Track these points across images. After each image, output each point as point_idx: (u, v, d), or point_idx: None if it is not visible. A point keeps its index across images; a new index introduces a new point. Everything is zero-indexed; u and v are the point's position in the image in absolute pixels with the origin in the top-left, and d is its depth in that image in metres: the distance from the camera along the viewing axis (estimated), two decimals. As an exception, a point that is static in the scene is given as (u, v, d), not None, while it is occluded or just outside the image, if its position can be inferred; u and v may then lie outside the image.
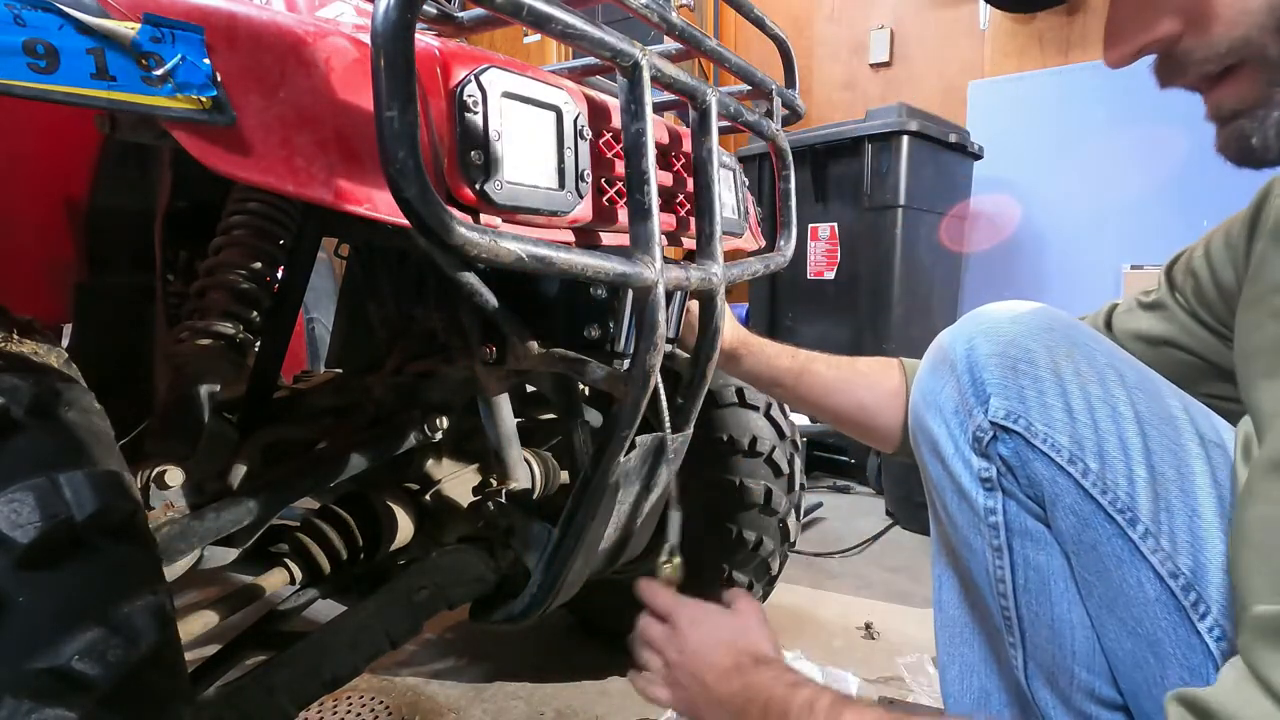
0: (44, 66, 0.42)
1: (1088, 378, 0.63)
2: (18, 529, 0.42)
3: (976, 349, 0.67)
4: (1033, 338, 0.65)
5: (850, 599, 1.66)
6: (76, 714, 0.41)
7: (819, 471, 2.64)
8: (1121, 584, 0.60)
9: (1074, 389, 0.62)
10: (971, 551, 0.69)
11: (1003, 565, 0.66)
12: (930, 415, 0.71)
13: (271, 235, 0.85)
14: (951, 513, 0.70)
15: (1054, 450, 0.62)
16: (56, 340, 0.62)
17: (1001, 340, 0.66)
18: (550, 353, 0.81)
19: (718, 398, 1.21)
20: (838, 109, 3.28)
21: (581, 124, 0.67)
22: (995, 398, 0.64)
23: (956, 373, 0.68)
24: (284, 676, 0.73)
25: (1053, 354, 0.64)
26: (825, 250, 2.58)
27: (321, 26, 0.54)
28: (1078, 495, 0.61)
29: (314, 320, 2.04)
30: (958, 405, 0.68)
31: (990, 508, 0.66)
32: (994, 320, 0.68)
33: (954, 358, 0.68)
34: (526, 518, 0.93)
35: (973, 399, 0.66)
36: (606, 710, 1.23)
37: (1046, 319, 0.66)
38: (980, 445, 0.65)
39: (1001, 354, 0.65)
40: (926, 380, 0.72)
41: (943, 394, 0.69)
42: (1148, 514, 0.59)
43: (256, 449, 0.90)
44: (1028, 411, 0.63)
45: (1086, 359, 0.64)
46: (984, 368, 0.66)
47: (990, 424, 0.64)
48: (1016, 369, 0.64)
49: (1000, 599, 0.67)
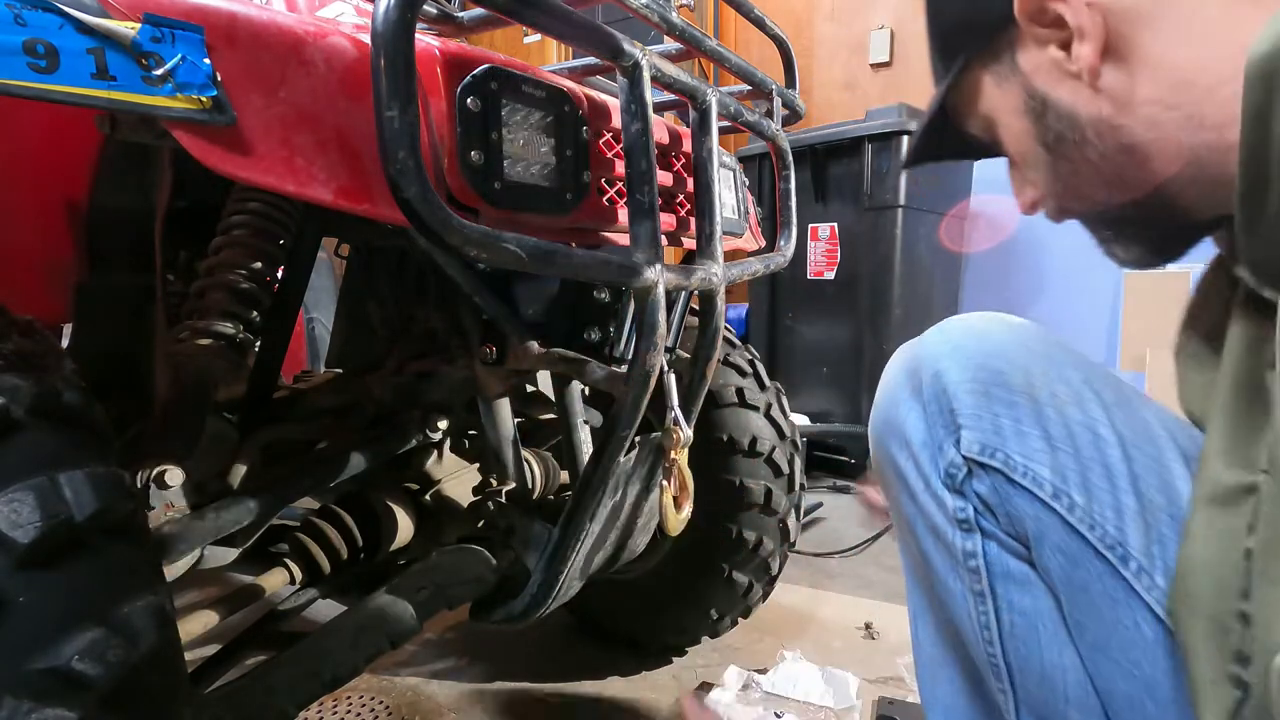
0: (44, 66, 0.42)
1: (1064, 399, 0.57)
2: (18, 529, 0.42)
3: (944, 374, 0.61)
4: (1003, 357, 0.60)
5: (850, 599, 1.66)
6: (76, 714, 0.41)
7: (819, 471, 2.64)
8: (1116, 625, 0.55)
9: (1051, 413, 0.57)
10: (950, 594, 0.63)
11: (986, 611, 0.60)
12: (895, 446, 0.65)
13: (271, 235, 0.85)
14: (925, 551, 0.65)
15: (1035, 485, 0.57)
16: (56, 340, 0.62)
17: (971, 363, 0.60)
18: (550, 353, 0.82)
19: (718, 398, 1.21)
20: (838, 109, 3.28)
21: (582, 124, 0.67)
22: (967, 430, 0.59)
23: (923, 400, 0.62)
24: (284, 676, 0.73)
25: (1027, 375, 0.59)
26: (825, 250, 2.58)
27: (321, 26, 0.53)
28: (1064, 532, 0.56)
29: (314, 320, 2.04)
30: (925, 438, 0.62)
31: (970, 550, 0.60)
32: (960, 339, 0.62)
33: (919, 383, 0.63)
34: (526, 518, 0.93)
35: (942, 431, 0.60)
36: (606, 710, 1.23)
37: (1016, 334, 0.61)
38: (954, 483, 0.60)
39: (972, 379, 0.59)
40: (889, 406, 0.66)
41: (908, 423, 0.63)
42: (1139, 548, 0.54)
43: (256, 449, 0.90)
44: (1004, 443, 0.57)
45: (1061, 377, 0.58)
46: (954, 396, 0.60)
47: (964, 459, 0.59)
48: (990, 395, 0.59)
49: (986, 645, 0.61)
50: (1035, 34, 0.54)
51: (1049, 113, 0.56)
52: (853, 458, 2.59)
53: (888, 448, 0.66)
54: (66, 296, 0.86)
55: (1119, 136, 0.52)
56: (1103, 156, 0.54)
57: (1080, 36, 0.51)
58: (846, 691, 1.23)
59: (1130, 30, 0.50)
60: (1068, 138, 0.55)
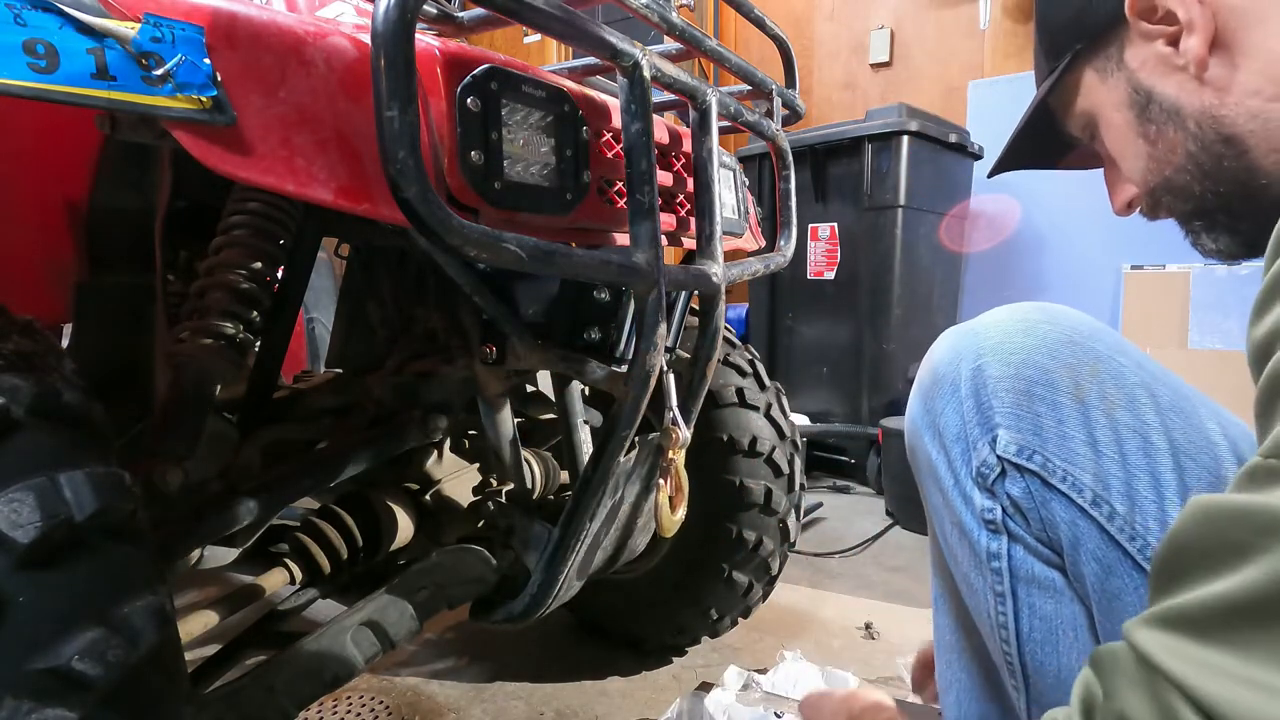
0: (44, 66, 0.42)
1: (1115, 402, 0.55)
2: (18, 529, 0.42)
3: (985, 369, 0.59)
4: (1051, 354, 0.57)
5: (850, 599, 1.66)
6: (76, 714, 0.41)
7: (819, 471, 2.64)
8: None
9: (1099, 416, 0.55)
10: (972, 590, 0.63)
11: (1005, 612, 0.59)
12: (929, 438, 0.64)
13: (271, 235, 0.85)
14: (951, 545, 0.64)
15: (1075, 490, 0.55)
16: (56, 340, 0.62)
17: (1014, 360, 0.58)
18: (550, 353, 0.81)
19: (718, 398, 1.21)
20: (838, 109, 3.28)
21: (582, 124, 0.67)
22: (1004, 430, 0.57)
23: (960, 395, 0.60)
24: (284, 676, 0.73)
25: (1075, 374, 0.56)
26: (825, 250, 2.58)
27: (321, 26, 0.53)
28: (1102, 541, 0.54)
29: (314, 320, 2.04)
30: (960, 432, 0.60)
31: (994, 551, 0.59)
32: (1004, 333, 0.60)
33: (958, 377, 0.61)
34: (526, 518, 0.93)
35: (977, 429, 0.59)
36: (606, 710, 1.23)
37: (1066, 329, 0.59)
38: (985, 482, 0.58)
39: (1014, 375, 0.58)
40: (926, 397, 0.65)
41: (943, 416, 0.62)
42: None
43: (256, 449, 0.90)
44: (1044, 445, 0.56)
45: (1114, 378, 0.56)
46: (993, 393, 0.58)
47: (998, 459, 0.57)
48: (1032, 394, 0.57)
49: (1003, 644, 0.61)
50: (1144, 30, 0.56)
51: (1152, 105, 0.57)
52: (853, 458, 2.59)
53: (921, 436, 0.65)
54: (66, 296, 0.86)
55: (1220, 127, 0.53)
56: (1203, 147, 0.55)
57: (1190, 30, 0.53)
58: (846, 691, 1.23)
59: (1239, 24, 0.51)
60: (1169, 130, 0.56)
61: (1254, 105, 0.52)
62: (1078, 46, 0.61)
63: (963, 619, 0.70)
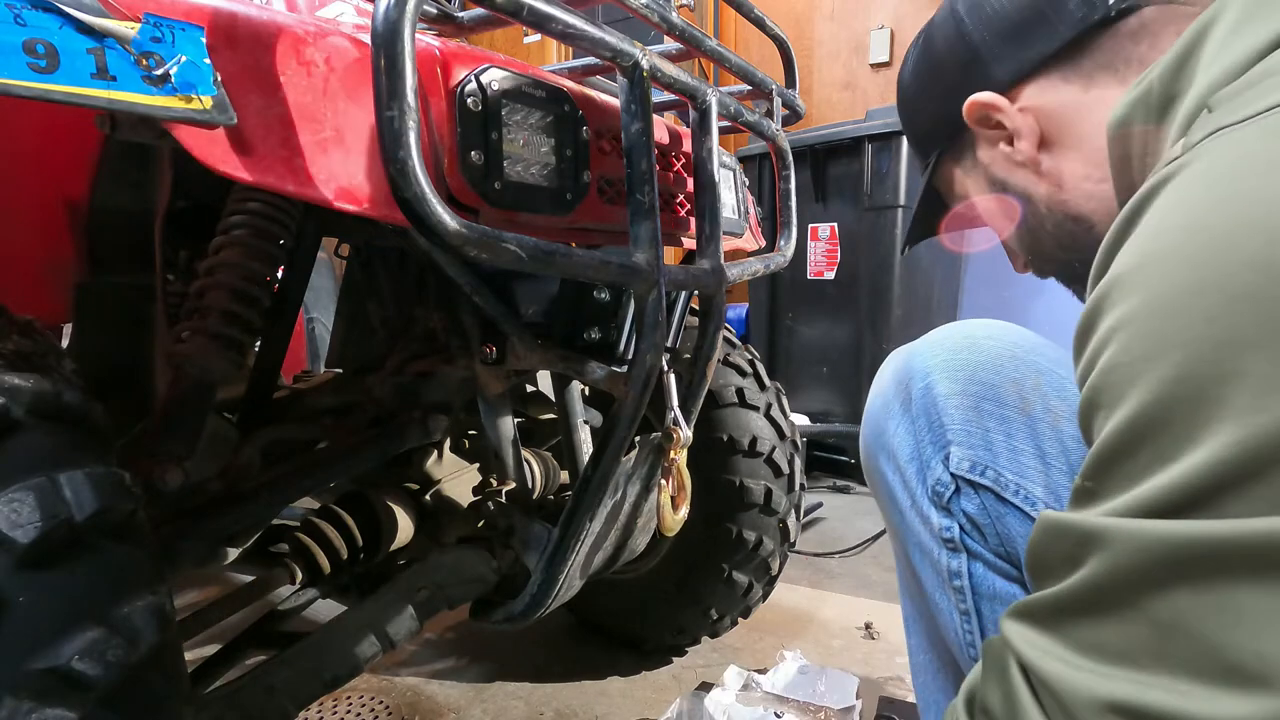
0: (44, 66, 0.41)
1: (1059, 414, 0.56)
2: (18, 529, 0.42)
3: (933, 387, 0.60)
4: (995, 369, 0.58)
5: (850, 599, 1.66)
6: (76, 714, 0.41)
7: (819, 471, 2.64)
8: None
9: (1045, 429, 0.56)
10: (938, 609, 0.63)
11: (972, 630, 0.59)
12: (883, 460, 0.64)
13: (271, 235, 0.85)
14: (915, 565, 0.64)
15: (1028, 504, 0.55)
16: (56, 340, 0.62)
17: (960, 375, 0.59)
18: (550, 353, 0.82)
19: (718, 398, 1.21)
20: (838, 109, 3.28)
21: (582, 124, 0.67)
22: (956, 446, 0.58)
23: (911, 414, 0.61)
24: (284, 676, 0.73)
25: (1020, 387, 0.57)
26: (825, 250, 2.58)
27: (321, 26, 0.53)
28: None
29: (314, 320, 2.04)
30: (913, 452, 0.61)
31: (955, 570, 0.59)
32: (950, 350, 0.61)
33: (908, 395, 0.62)
34: (526, 518, 0.93)
35: (930, 447, 0.59)
36: (606, 710, 1.23)
37: (1008, 344, 0.60)
38: (941, 500, 0.59)
39: (962, 392, 0.59)
40: (877, 420, 0.65)
41: (895, 437, 0.62)
42: None
43: (256, 449, 0.90)
44: (996, 460, 0.56)
45: (1056, 391, 0.57)
46: (943, 410, 0.59)
47: (952, 476, 0.58)
48: (980, 409, 0.58)
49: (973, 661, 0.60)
50: (985, 135, 0.61)
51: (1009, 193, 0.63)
52: (853, 458, 2.59)
53: (876, 460, 0.66)
54: (66, 296, 0.86)
55: (1066, 209, 0.59)
56: (1057, 226, 0.60)
57: (1018, 136, 0.58)
58: (846, 691, 1.23)
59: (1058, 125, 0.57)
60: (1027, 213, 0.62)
61: (1087, 188, 0.57)
62: (939, 150, 0.67)
63: (934, 638, 0.70)
